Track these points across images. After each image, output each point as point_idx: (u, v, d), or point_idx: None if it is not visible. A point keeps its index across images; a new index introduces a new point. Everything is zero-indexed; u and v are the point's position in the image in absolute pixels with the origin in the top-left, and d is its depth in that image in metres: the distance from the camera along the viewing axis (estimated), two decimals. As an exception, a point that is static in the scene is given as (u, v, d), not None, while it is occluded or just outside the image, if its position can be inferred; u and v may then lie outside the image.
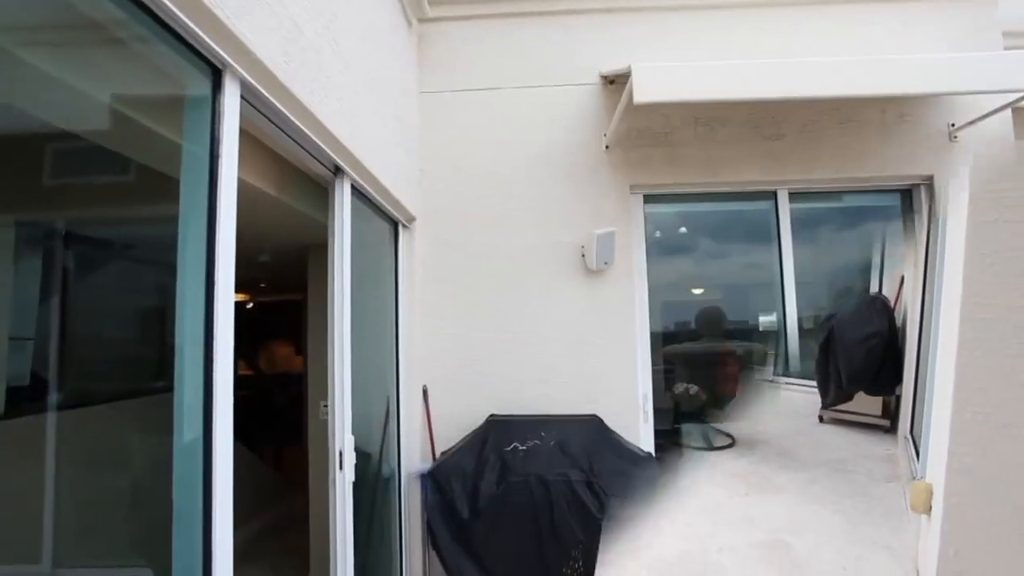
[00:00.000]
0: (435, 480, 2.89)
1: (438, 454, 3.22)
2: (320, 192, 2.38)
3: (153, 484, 1.33)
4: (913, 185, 3.62)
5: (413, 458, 3.24)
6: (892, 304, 3.55)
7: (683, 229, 3.77)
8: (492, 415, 3.20)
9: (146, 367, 1.42)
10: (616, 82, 3.46)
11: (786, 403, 3.67)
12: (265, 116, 1.64)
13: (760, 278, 3.66)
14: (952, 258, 1.46)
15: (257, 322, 7.97)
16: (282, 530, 4.66)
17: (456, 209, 3.48)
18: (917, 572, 2.26)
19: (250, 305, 7.93)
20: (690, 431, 3.67)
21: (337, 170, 2.25)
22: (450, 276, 3.45)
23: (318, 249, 3.58)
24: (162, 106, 1.36)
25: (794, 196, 3.61)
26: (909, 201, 3.67)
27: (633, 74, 2.66)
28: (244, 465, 4.42)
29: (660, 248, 3.68)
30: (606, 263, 3.27)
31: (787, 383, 3.63)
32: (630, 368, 3.39)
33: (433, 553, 2.93)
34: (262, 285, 6.91)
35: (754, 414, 3.67)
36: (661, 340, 3.64)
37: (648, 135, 3.49)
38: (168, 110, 1.35)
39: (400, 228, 3.29)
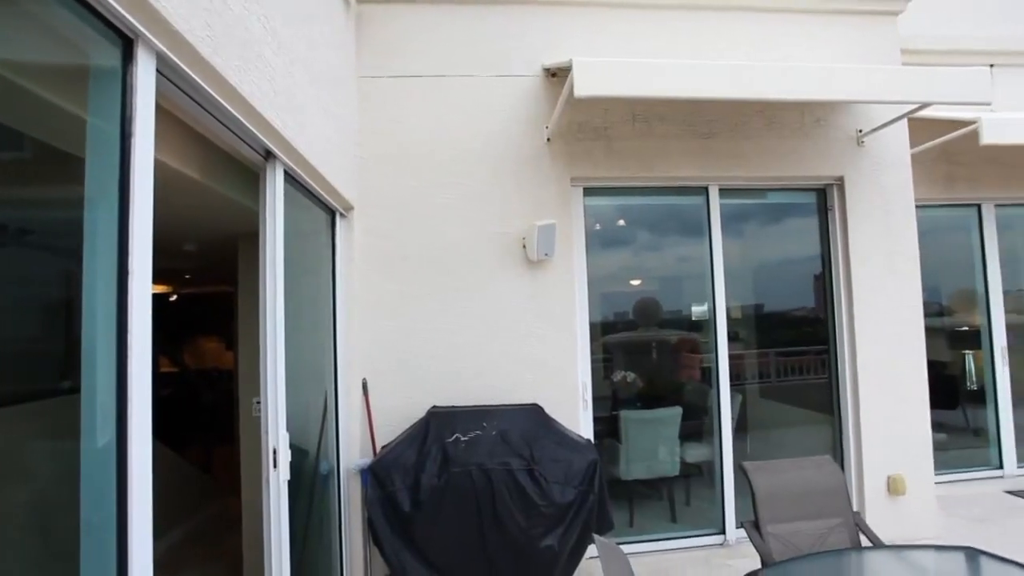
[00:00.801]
0: (375, 474, 2.83)
1: (379, 448, 3.16)
2: (250, 178, 2.26)
3: (58, 496, 1.21)
4: (827, 185, 3.90)
5: (353, 453, 3.16)
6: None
7: (621, 222, 3.88)
8: (434, 407, 3.18)
9: (48, 366, 1.29)
10: (558, 75, 3.49)
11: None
12: (187, 94, 1.53)
13: (693, 270, 3.83)
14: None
15: (182, 315, 7.51)
16: (212, 534, 4.43)
17: (396, 198, 3.41)
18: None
19: (173, 297, 7.45)
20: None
21: (268, 155, 2.14)
22: (390, 266, 3.37)
23: (249, 238, 3.40)
24: (62, 76, 1.23)
25: (723, 192, 3.80)
26: (824, 199, 3.94)
27: (574, 68, 2.69)
28: (167, 468, 4.19)
29: (599, 240, 3.76)
30: (547, 254, 3.31)
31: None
32: (570, 357, 3.46)
33: (375, 549, 2.88)
34: (187, 276, 6.49)
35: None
36: (600, 330, 3.74)
37: (588, 129, 3.54)
38: (70, 81, 1.22)
39: (337, 217, 3.18)
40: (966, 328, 4.99)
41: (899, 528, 3.61)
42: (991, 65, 4.58)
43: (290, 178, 2.36)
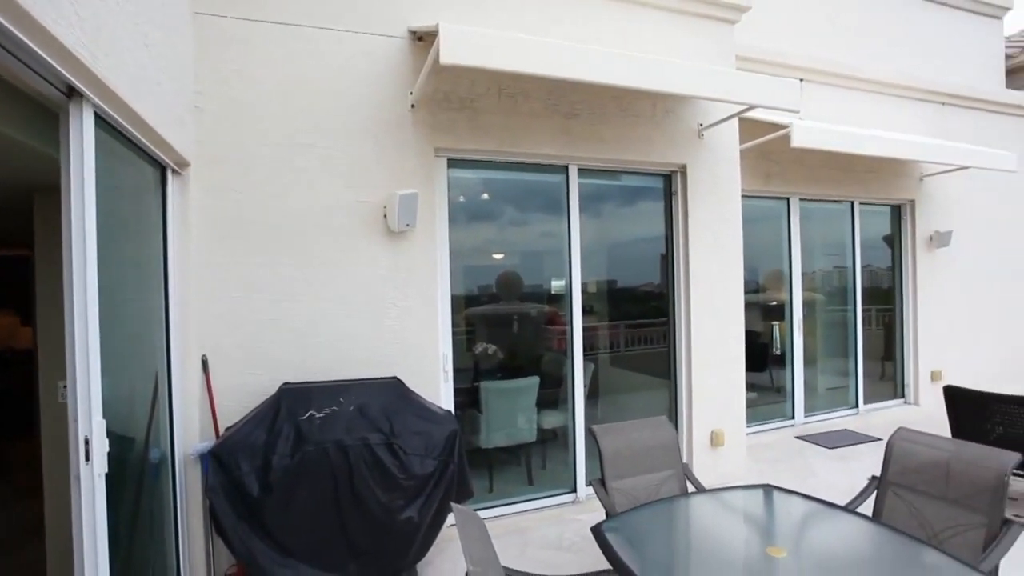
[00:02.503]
0: (218, 459, 2.60)
1: (222, 430, 2.90)
2: (49, 119, 1.87)
3: None
4: (672, 171, 4.30)
5: (191, 437, 2.86)
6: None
7: (485, 195, 3.90)
8: (286, 383, 2.98)
9: None
10: (424, 40, 3.37)
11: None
12: (-56, 2, 1.20)
13: (553, 246, 4.00)
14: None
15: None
16: (5, 545, 3.74)
17: (243, 157, 3.07)
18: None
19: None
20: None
21: (72, 92, 1.78)
22: (235, 232, 3.05)
23: (49, 193, 2.85)
24: None
25: (582, 172, 4.00)
26: (669, 184, 4.35)
27: (441, 34, 2.62)
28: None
29: (463, 213, 3.76)
30: (408, 225, 3.23)
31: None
32: (432, 330, 3.44)
33: (219, 538, 2.66)
34: (-38, 237, 5.28)
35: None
36: (463, 302, 3.77)
37: (454, 99, 3.49)
38: None
39: (169, 174, 2.78)
40: (775, 303, 5.89)
41: (718, 474, 4.21)
42: (801, 79, 5.36)
43: (103, 123, 2.00)
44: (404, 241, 3.36)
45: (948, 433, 3.84)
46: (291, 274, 3.14)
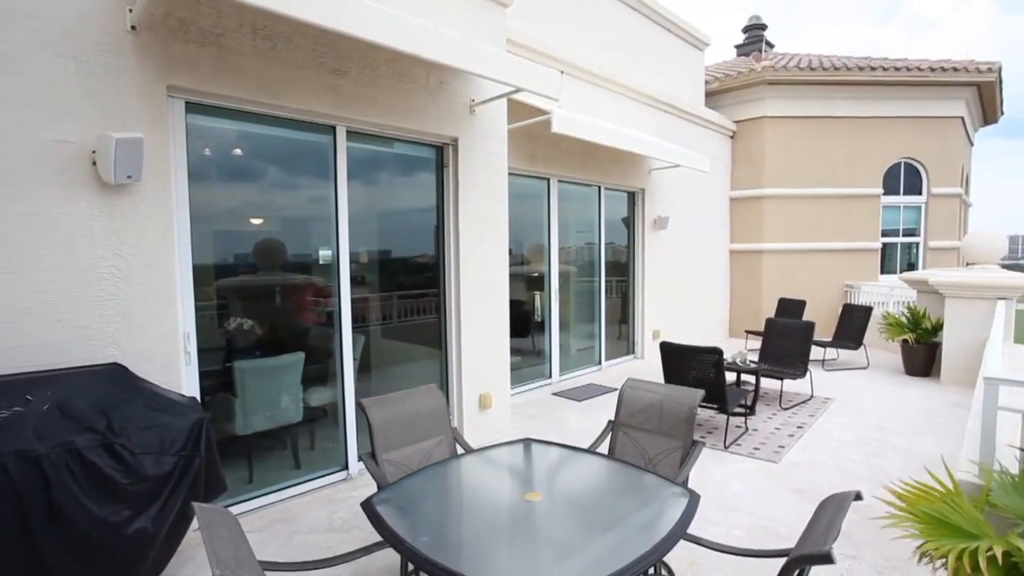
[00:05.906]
0: None
1: None
2: None
3: None
4: (445, 144, 4.36)
5: None
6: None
7: (238, 151, 3.39)
8: (-71, 383, 2.20)
9: None
10: (148, -53, 2.72)
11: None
12: None
13: (320, 212, 3.70)
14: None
15: None
16: None
17: None
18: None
19: None
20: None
21: None
22: None
23: None
24: None
25: (352, 135, 3.78)
26: (442, 156, 4.40)
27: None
28: None
29: (212, 170, 3.22)
30: (130, 177, 2.61)
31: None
32: (167, 304, 2.90)
33: None
34: None
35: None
36: (213, 273, 3.26)
37: (194, 30, 2.93)
38: None
39: None
40: (536, 274, 6.50)
41: (486, 434, 4.51)
42: (562, 72, 5.92)
43: None
44: (126, 196, 2.72)
45: (663, 379, 4.75)
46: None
